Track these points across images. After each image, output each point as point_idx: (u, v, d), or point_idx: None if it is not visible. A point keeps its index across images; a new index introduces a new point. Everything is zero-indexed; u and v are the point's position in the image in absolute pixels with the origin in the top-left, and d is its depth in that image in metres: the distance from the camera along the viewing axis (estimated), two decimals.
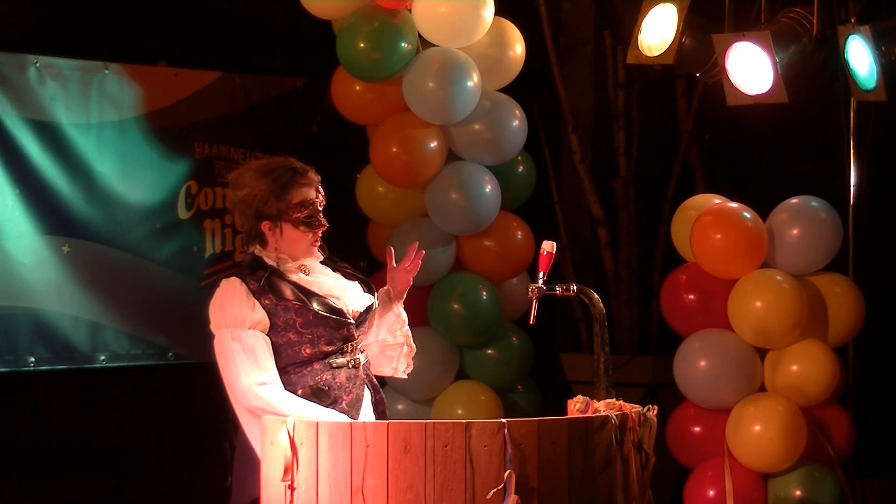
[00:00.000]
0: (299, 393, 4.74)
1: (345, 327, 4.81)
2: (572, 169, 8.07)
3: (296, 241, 4.80)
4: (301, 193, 4.78)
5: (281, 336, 4.73)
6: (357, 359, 4.84)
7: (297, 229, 4.78)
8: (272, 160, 4.83)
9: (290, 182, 4.77)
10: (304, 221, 4.78)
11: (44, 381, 6.75)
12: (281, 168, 4.79)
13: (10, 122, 6.58)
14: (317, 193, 4.83)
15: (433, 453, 4.32)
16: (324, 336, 4.77)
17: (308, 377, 4.77)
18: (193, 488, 7.13)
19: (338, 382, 4.80)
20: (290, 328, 4.73)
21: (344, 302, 4.83)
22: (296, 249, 4.81)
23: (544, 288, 4.95)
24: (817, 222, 6.52)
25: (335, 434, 4.39)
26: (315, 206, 4.80)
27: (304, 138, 7.54)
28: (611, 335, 5.20)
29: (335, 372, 4.80)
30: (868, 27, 6.44)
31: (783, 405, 6.38)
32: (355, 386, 4.84)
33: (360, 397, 4.85)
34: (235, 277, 4.76)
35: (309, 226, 4.79)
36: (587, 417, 4.62)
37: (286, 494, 4.44)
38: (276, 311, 4.72)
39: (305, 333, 4.74)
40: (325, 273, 4.90)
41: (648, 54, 6.80)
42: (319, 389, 4.76)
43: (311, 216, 4.78)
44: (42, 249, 6.66)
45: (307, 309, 4.73)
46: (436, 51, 6.79)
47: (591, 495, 4.45)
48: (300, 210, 4.77)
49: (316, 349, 4.76)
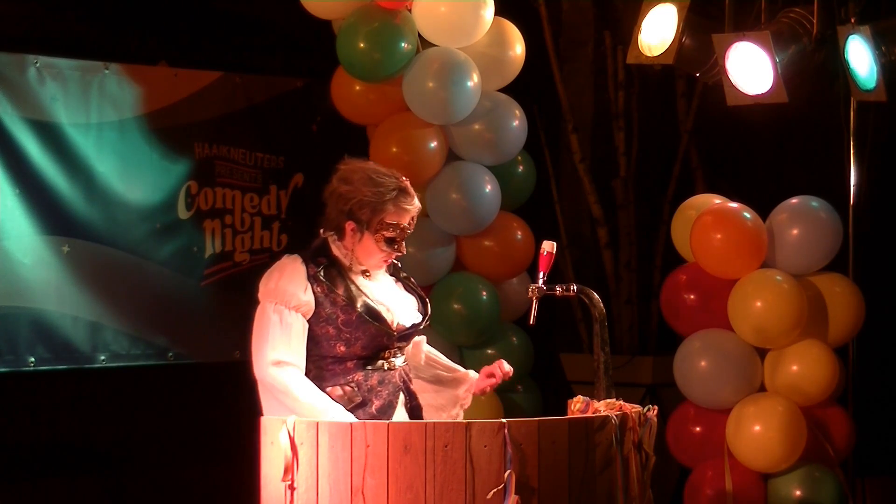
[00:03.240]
0: (328, 391, 4.75)
1: (384, 336, 4.81)
2: (572, 169, 8.07)
3: (370, 253, 4.85)
4: (396, 215, 4.82)
5: (321, 327, 4.76)
6: (392, 362, 4.86)
7: (376, 244, 4.82)
8: (386, 172, 4.88)
9: (391, 200, 4.82)
10: (387, 241, 4.83)
11: (44, 381, 6.75)
12: (390, 183, 4.83)
13: (10, 122, 6.58)
14: (410, 221, 4.86)
15: (433, 453, 4.32)
16: (361, 339, 4.78)
17: (340, 376, 4.79)
18: (193, 488, 7.13)
19: (368, 385, 4.80)
20: (332, 322, 4.76)
21: (392, 313, 4.85)
22: (366, 259, 4.86)
23: (544, 288, 4.95)
24: (817, 222, 6.52)
25: (335, 434, 4.39)
26: (403, 232, 4.84)
27: (304, 138, 7.54)
28: (611, 335, 5.20)
29: (367, 373, 4.81)
30: (868, 27, 6.44)
31: (783, 405, 6.38)
32: (388, 391, 4.83)
33: (392, 404, 4.84)
34: (299, 256, 4.83)
35: (389, 246, 4.84)
36: (587, 417, 4.62)
37: (286, 494, 4.44)
38: (324, 302, 4.76)
39: (344, 331, 4.77)
40: (384, 281, 4.94)
41: (648, 54, 6.80)
42: (349, 389, 4.77)
43: (394, 239, 4.83)
44: (42, 249, 6.66)
45: (352, 308, 4.76)
46: (436, 51, 6.79)
47: (592, 495, 4.45)
48: (389, 230, 4.82)
49: (351, 350, 4.78)
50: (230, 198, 7.32)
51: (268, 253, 7.41)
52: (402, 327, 4.87)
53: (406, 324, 4.88)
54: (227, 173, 7.31)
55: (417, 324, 4.92)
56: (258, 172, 7.41)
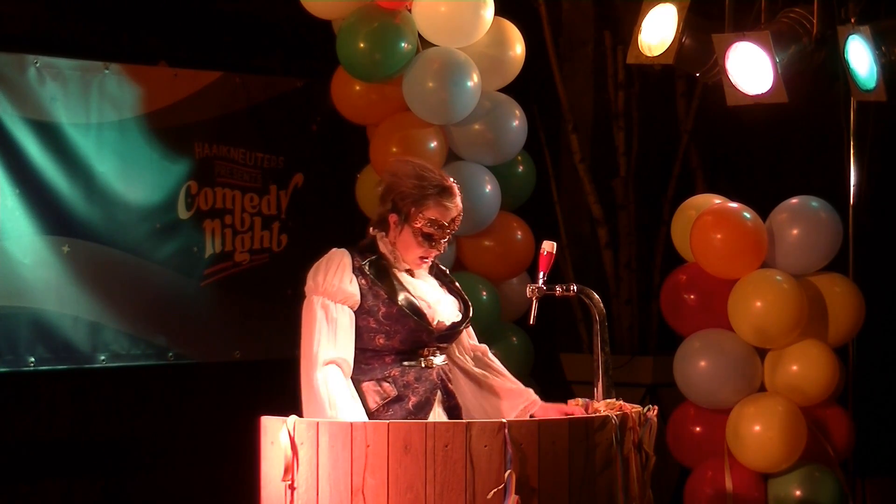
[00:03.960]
0: (364, 384, 4.79)
1: (423, 332, 4.84)
2: (572, 169, 8.07)
3: (408, 248, 4.89)
4: (437, 211, 4.85)
5: (362, 318, 4.81)
6: (431, 360, 4.88)
7: (414, 238, 4.86)
8: (433, 169, 4.93)
9: (432, 196, 4.86)
10: (425, 236, 4.86)
11: (44, 381, 6.74)
12: (433, 179, 4.88)
13: (10, 122, 6.58)
14: (451, 221, 4.89)
15: (433, 453, 4.32)
16: (399, 333, 4.82)
17: (378, 370, 4.82)
18: (193, 488, 7.13)
19: (405, 380, 4.83)
20: (373, 315, 4.81)
21: (433, 311, 4.88)
22: (405, 254, 4.90)
23: (544, 288, 4.95)
24: (817, 222, 6.53)
25: (335, 434, 4.40)
26: (442, 229, 4.87)
27: (304, 138, 7.54)
28: (611, 335, 5.20)
29: (405, 369, 4.84)
30: (868, 27, 6.44)
31: (783, 405, 6.38)
32: (425, 388, 4.85)
33: (429, 401, 4.85)
34: (346, 250, 4.88)
35: (427, 241, 4.87)
36: (587, 417, 4.62)
37: (286, 494, 4.44)
38: (367, 294, 4.81)
39: (384, 324, 4.80)
40: (428, 281, 4.98)
41: (648, 54, 6.80)
42: (386, 385, 4.79)
43: (432, 235, 4.87)
44: (42, 249, 6.66)
45: (393, 302, 4.80)
46: (436, 51, 6.79)
47: (592, 495, 4.45)
48: (428, 225, 4.85)
49: (390, 343, 4.82)
50: (230, 198, 7.32)
51: (268, 253, 7.41)
52: (443, 326, 4.90)
53: (446, 322, 4.91)
54: (227, 173, 7.31)
55: (457, 323, 4.95)
56: (258, 172, 7.41)
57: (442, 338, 4.91)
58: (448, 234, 4.90)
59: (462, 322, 4.97)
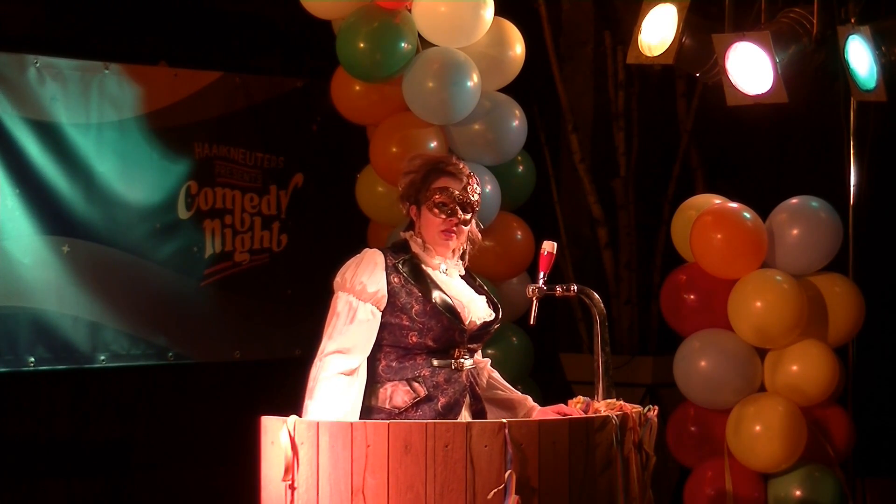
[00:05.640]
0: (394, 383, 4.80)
1: (456, 330, 4.84)
2: (572, 169, 8.07)
3: (429, 226, 4.90)
4: (443, 181, 4.89)
5: (395, 316, 4.81)
6: (461, 362, 4.88)
7: (431, 213, 4.88)
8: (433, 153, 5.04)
9: (434, 169, 4.91)
10: (439, 206, 4.87)
11: (44, 381, 6.75)
12: (432, 158, 4.99)
13: (10, 122, 6.58)
14: (463, 189, 4.89)
15: (434, 453, 4.32)
16: (433, 331, 4.82)
17: (408, 370, 4.83)
18: (193, 488, 7.13)
19: (435, 381, 4.83)
20: (406, 312, 4.81)
21: (467, 310, 4.89)
22: (430, 234, 4.90)
23: (544, 288, 4.95)
24: (817, 222, 6.53)
25: (336, 434, 4.40)
26: (453, 197, 4.88)
27: (304, 138, 7.54)
28: (611, 335, 5.20)
29: (435, 370, 4.84)
30: (868, 27, 6.45)
31: (783, 405, 6.38)
32: (454, 390, 4.85)
33: (459, 403, 4.85)
34: (378, 249, 4.91)
35: (442, 211, 4.87)
36: (587, 418, 4.62)
37: (286, 494, 4.44)
38: (400, 292, 4.82)
39: (417, 321, 4.81)
40: (460, 280, 4.99)
41: (648, 54, 6.80)
42: (417, 384, 4.80)
43: (445, 203, 4.88)
44: (42, 249, 6.66)
45: (427, 299, 4.81)
46: (436, 51, 6.79)
47: (592, 495, 4.45)
48: (437, 194, 4.87)
49: (422, 340, 4.81)
50: (230, 198, 7.32)
51: (268, 253, 7.41)
52: (475, 325, 4.90)
53: (478, 321, 4.91)
54: (226, 173, 7.31)
55: (489, 322, 4.95)
56: (258, 172, 7.41)
57: (473, 337, 4.91)
58: (467, 206, 4.89)
59: (494, 322, 4.98)
